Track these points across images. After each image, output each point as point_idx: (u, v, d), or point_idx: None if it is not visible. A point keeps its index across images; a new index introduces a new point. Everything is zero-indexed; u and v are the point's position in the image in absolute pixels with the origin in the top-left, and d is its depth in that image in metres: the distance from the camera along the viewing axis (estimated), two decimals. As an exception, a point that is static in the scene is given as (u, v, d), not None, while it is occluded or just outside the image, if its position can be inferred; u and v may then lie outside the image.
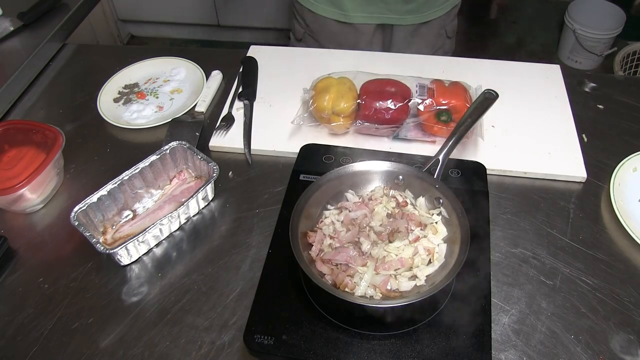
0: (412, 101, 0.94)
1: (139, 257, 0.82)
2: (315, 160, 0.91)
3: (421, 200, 0.81)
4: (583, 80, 1.09)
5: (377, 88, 0.95)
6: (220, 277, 0.79)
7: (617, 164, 0.89)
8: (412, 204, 0.81)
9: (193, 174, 0.93)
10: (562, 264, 0.79)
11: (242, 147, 0.97)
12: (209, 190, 0.87)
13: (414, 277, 0.72)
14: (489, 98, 0.86)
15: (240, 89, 1.09)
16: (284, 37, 2.84)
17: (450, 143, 0.82)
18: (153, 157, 0.88)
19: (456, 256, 0.70)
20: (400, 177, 0.82)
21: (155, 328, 0.73)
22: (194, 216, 0.87)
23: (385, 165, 0.83)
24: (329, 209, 0.80)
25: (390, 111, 0.93)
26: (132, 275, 0.80)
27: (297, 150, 0.93)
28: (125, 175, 0.85)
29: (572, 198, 0.88)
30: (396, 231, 0.75)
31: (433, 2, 1.24)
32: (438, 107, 0.93)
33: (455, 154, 0.84)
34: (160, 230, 0.82)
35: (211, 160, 0.88)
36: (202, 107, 1.05)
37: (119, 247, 0.76)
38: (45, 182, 0.89)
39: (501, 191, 0.89)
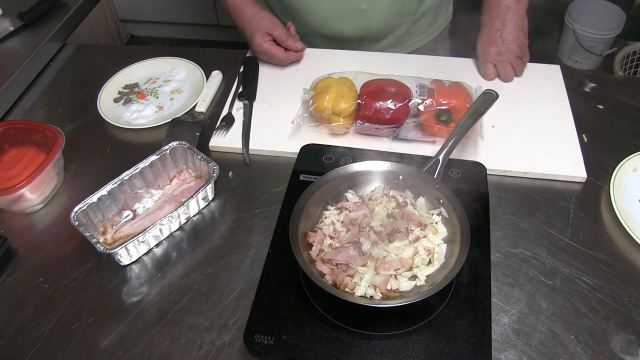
0: (412, 101, 0.94)
1: (139, 257, 0.82)
2: (315, 160, 0.91)
3: (421, 200, 0.81)
4: (583, 80, 1.09)
5: (377, 88, 0.95)
6: (220, 277, 0.79)
7: (617, 164, 0.89)
8: (412, 204, 0.81)
9: (193, 174, 0.93)
10: (562, 264, 0.79)
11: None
12: (209, 190, 0.87)
13: (414, 277, 0.72)
14: (489, 98, 0.87)
15: (240, 89, 1.09)
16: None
17: (450, 143, 0.82)
18: (153, 157, 0.88)
19: (456, 256, 0.70)
20: (400, 177, 0.82)
21: (155, 328, 0.73)
22: (194, 216, 0.87)
23: (385, 165, 0.83)
24: (329, 209, 0.80)
25: (390, 111, 0.93)
26: (132, 275, 0.80)
27: (297, 150, 0.93)
28: (125, 175, 0.85)
29: (572, 198, 0.88)
30: (396, 231, 0.75)
31: (413, 31, 1.22)
32: (438, 107, 0.93)
33: (455, 154, 0.84)
34: (160, 230, 0.82)
35: (211, 160, 0.88)
36: (202, 107, 1.05)
37: (119, 247, 0.76)
38: (45, 182, 0.89)
39: (501, 191, 0.89)
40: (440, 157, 0.81)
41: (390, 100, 0.93)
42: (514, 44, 1.05)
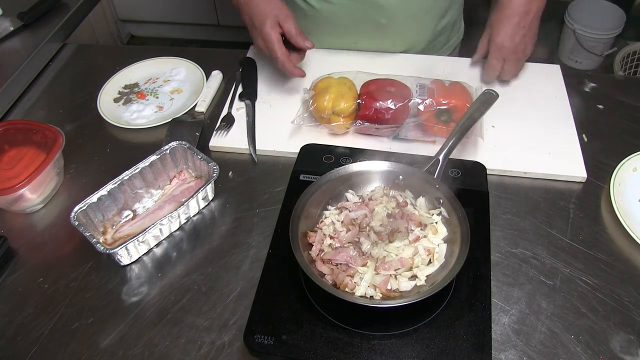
0: (412, 101, 0.94)
1: (139, 257, 0.82)
2: (315, 160, 0.91)
3: (421, 200, 0.81)
4: (583, 80, 1.09)
5: (377, 88, 0.95)
6: (220, 277, 0.79)
7: (617, 164, 0.89)
8: (412, 204, 0.81)
9: (193, 174, 0.93)
10: (562, 264, 0.79)
11: (242, 147, 0.97)
12: (209, 190, 0.87)
13: (414, 277, 0.72)
14: (489, 98, 0.87)
15: (241, 90, 1.09)
16: (284, 37, 2.83)
17: (450, 143, 0.82)
18: (153, 157, 0.88)
19: (456, 256, 0.70)
20: (400, 177, 0.82)
21: (155, 328, 0.73)
22: (194, 216, 0.87)
23: (385, 165, 0.83)
24: (329, 209, 0.80)
25: (390, 111, 0.93)
26: (132, 275, 0.80)
27: (297, 150, 0.93)
28: (125, 175, 0.85)
29: (572, 198, 0.88)
30: (396, 231, 0.75)
31: (427, 50, 1.20)
32: (438, 107, 0.93)
33: (455, 154, 0.84)
34: (160, 230, 0.82)
35: (211, 160, 0.88)
36: (202, 107, 1.05)
37: (119, 247, 0.76)
38: (45, 182, 0.89)
39: (501, 191, 0.89)
40: (440, 157, 0.81)
41: (390, 100, 0.93)
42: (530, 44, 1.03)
